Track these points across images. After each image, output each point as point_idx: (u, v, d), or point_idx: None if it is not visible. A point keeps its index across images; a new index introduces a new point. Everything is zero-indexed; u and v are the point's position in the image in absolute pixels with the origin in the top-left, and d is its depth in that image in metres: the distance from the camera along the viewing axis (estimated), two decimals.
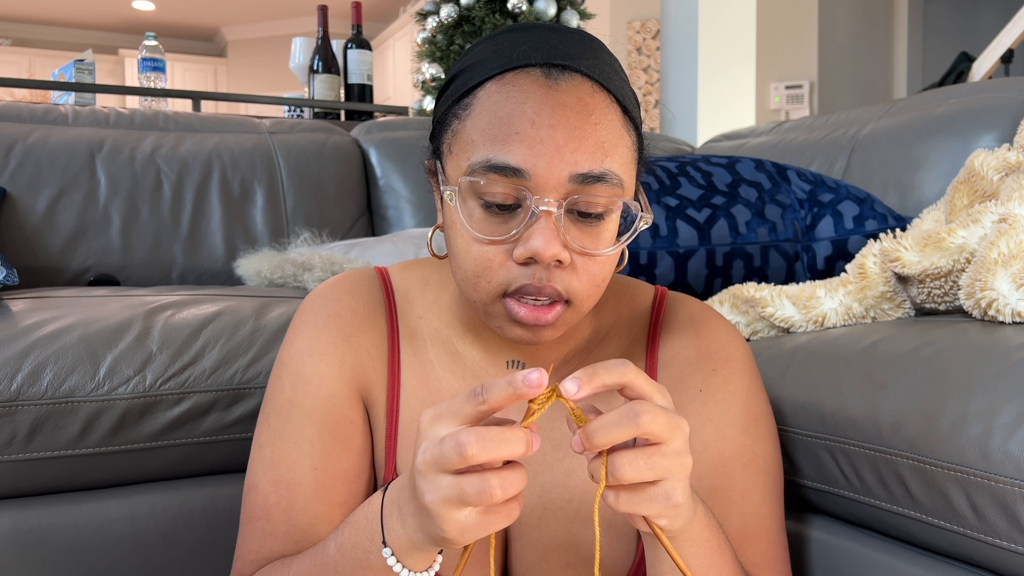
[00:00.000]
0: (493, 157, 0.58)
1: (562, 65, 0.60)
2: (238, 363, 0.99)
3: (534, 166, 0.57)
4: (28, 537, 0.91)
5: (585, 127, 0.58)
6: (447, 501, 0.47)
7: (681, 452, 0.49)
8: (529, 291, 0.59)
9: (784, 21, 3.98)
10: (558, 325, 0.62)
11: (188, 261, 1.52)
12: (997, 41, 3.53)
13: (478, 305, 0.63)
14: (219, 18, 7.87)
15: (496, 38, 0.64)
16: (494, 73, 0.60)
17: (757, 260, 1.18)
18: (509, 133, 0.57)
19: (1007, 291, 0.78)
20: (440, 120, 0.65)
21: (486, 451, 0.46)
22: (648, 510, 0.50)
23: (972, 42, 4.36)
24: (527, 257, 0.58)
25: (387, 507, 0.55)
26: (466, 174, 0.59)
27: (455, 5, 2.55)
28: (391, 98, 7.15)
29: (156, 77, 2.23)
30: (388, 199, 1.78)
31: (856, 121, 1.57)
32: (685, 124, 4.06)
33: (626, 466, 0.47)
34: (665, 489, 0.49)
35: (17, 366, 0.89)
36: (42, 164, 1.44)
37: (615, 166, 0.59)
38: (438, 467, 0.47)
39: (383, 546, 0.54)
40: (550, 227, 0.57)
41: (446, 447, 0.46)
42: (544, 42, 0.61)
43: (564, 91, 0.58)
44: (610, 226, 0.61)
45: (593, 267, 0.61)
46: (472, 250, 0.60)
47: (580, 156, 0.57)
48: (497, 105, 0.59)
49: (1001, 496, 0.62)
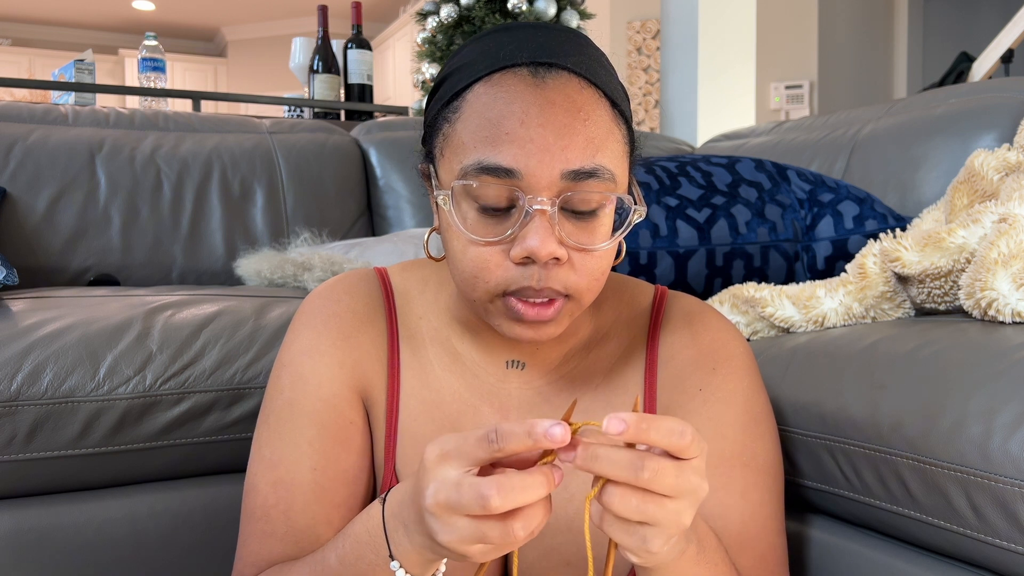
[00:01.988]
0: (484, 159, 0.58)
1: (548, 63, 0.60)
2: (238, 363, 0.99)
3: (525, 166, 0.57)
4: (28, 537, 0.91)
5: (574, 124, 0.58)
6: (464, 541, 0.46)
7: (681, 511, 0.47)
8: (528, 293, 0.59)
9: (784, 21, 3.98)
10: (560, 320, 0.62)
11: (188, 261, 1.52)
12: (997, 41, 3.53)
13: (478, 305, 0.63)
14: (219, 18, 7.87)
15: (482, 39, 0.64)
16: (481, 75, 0.60)
17: (757, 260, 1.18)
18: (499, 134, 0.58)
19: (1007, 291, 0.77)
20: (431, 124, 0.65)
21: (509, 502, 0.44)
22: (622, 541, 0.48)
23: (972, 42, 4.36)
24: (524, 257, 0.58)
25: (390, 521, 0.54)
26: (458, 177, 0.59)
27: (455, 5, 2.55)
28: (391, 98, 7.15)
29: (156, 77, 2.23)
30: (388, 199, 1.78)
31: (856, 121, 1.57)
32: (685, 124, 4.06)
33: (616, 498, 0.46)
34: (644, 533, 0.47)
35: (17, 366, 0.89)
36: (42, 164, 1.44)
37: (606, 161, 0.59)
38: (454, 511, 0.46)
39: (390, 559, 0.54)
40: (545, 225, 0.57)
41: (465, 497, 0.45)
42: (530, 41, 0.61)
43: (552, 89, 0.59)
44: (605, 220, 0.61)
45: (591, 262, 0.61)
46: (469, 252, 0.60)
47: (571, 153, 0.58)
48: (486, 107, 0.59)
49: (1001, 496, 0.62)
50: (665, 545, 0.48)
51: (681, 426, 0.46)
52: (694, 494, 0.47)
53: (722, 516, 0.67)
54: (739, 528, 0.67)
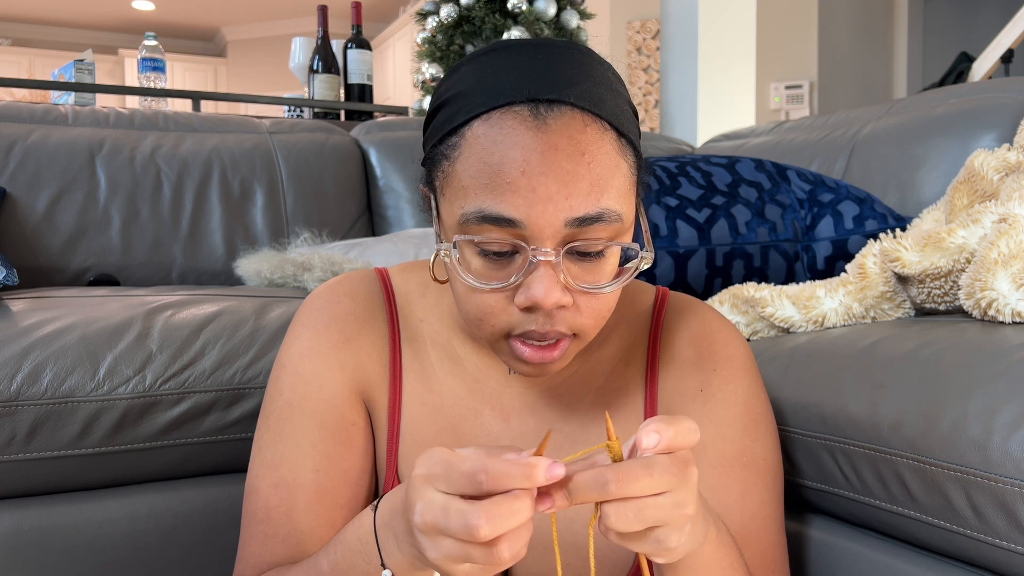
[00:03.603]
0: (486, 208, 0.56)
1: (549, 100, 0.56)
2: (238, 363, 0.99)
3: (528, 216, 0.55)
4: (28, 537, 0.91)
5: (578, 169, 0.56)
6: (451, 560, 0.46)
7: (680, 502, 0.46)
8: (534, 336, 0.59)
9: (784, 21, 3.98)
10: (565, 357, 0.61)
11: (188, 261, 1.52)
12: (997, 41, 3.53)
13: (482, 340, 0.63)
14: (219, 18, 7.86)
15: (480, 60, 0.61)
16: (480, 111, 0.57)
17: (757, 260, 1.18)
18: (500, 183, 0.56)
19: (1007, 291, 0.77)
20: (430, 155, 0.62)
21: (498, 529, 0.43)
22: (641, 550, 0.48)
23: (972, 42, 4.36)
24: (528, 305, 0.57)
25: (381, 530, 0.54)
26: (460, 220, 0.58)
27: (455, 5, 2.55)
28: (391, 98, 7.15)
29: (156, 77, 2.23)
30: (388, 199, 1.78)
31: (856, 121, 1.57)
32: (685, 124, 4.06)
33: (612, 516, 0.45)
34: (656, 535, 0.47)
35: (17, 366, 0.89)
36: (42, 164, 1.44)
37: (611, 202, 0.57)
38: (441, 533, 0.46)
39: (382, 568, 0.54)
40: (550, 275, 0.56)
41: (452, 523, 0.44)
42: (530, 69, 0.58)
43: (554, 132, 0.56)
44: (611, 260, 0.60)
45: (596, 303, 0.60)
46: (473, 297, 0.60)
47: (575, 201, 0.56)
48: (485, 151, 0.56)
49: (1001, 496, 0.62)
50: (681, 539, 0.48)
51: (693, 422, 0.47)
52: (682, 480, 0.46)
53: (722, 516, 0.67)
54: (739, 528, 0.67)
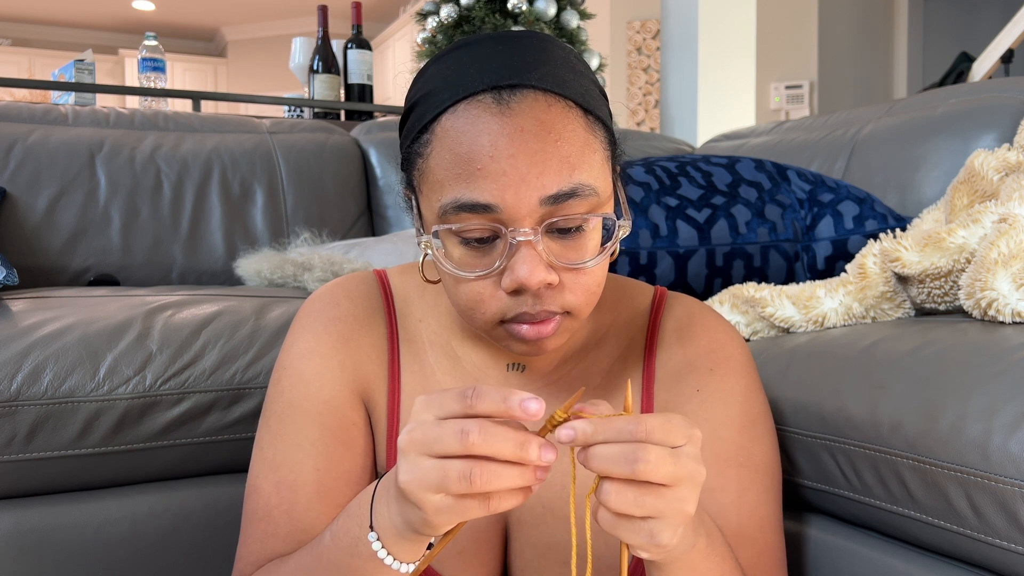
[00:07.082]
0: (461, 197, 0.57)
1: (511, 84, 0.57)
2: (238, 363, 0.99)
3: (502, 199, 0.56)
4: (28, 537, 0.91)
5: (546, 148, 0.56)
6: (423, 484, 0.47)
7: (683, 499, 0.47)
8: (525, 318, 0.59)
9: (784, 21, 3.98)
10: (561, 333, 0.62)
11: (188, 261, 1.52)
12: (997, 41, 3.52)
13: (478, 330, 0.63)
14: (219, 18, 7.86)
15: (443, 60, 0.62)
16: (446, 105, 0.58)
17: (757, 260, 1.18)
18: (472, 171, 0.56)
19: (1007, 291, 0.78)
20: (406, 157, 0.63)
21: (488, 443, 0.45)
22: (628, 539, 0.48)
23: (972, 42, 4.36)
24: (515, 287, 0.58)
25: (379, 492, 0.55)
26: (438, 214, 0.58)
27: (455, 5, 2.55)
28: (391, 98, 7.14)
29: (156, 77, 2.23)
30: (388, 199, 1.78)
31: (856, 121, 1.57)
32: (685, 124, 4.06)
33: (612, 494, 0.46)
34: (651, 527, 0.47)
35: (17, 366, 0.89)
36: (42, 164, 1.44)
37: (585, 176, 0.58)
38: (425, 448, 0.47)
39: (370, 530, 0.54)
40: (532, 254, 0.57)
41: (446, 430, 0.46)
42: (491, 60, 0.59)
43: (518, 114, 0.56)
44: (593, 235, 0.60)
45: (584, 278, 0.60)
46: (461, 287, 0.60)
47: (547, 178, 0.56)
48: (455, 142, 0.57)
49: (1001, 496, 0.62)
50: (674, 537, 0.48)
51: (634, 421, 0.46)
52: (692, 479, 0.47)
53: (719, 516, 0.67)
54: (736, 528, 0.67)
